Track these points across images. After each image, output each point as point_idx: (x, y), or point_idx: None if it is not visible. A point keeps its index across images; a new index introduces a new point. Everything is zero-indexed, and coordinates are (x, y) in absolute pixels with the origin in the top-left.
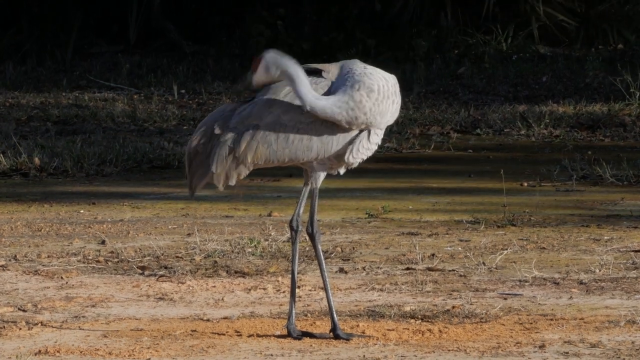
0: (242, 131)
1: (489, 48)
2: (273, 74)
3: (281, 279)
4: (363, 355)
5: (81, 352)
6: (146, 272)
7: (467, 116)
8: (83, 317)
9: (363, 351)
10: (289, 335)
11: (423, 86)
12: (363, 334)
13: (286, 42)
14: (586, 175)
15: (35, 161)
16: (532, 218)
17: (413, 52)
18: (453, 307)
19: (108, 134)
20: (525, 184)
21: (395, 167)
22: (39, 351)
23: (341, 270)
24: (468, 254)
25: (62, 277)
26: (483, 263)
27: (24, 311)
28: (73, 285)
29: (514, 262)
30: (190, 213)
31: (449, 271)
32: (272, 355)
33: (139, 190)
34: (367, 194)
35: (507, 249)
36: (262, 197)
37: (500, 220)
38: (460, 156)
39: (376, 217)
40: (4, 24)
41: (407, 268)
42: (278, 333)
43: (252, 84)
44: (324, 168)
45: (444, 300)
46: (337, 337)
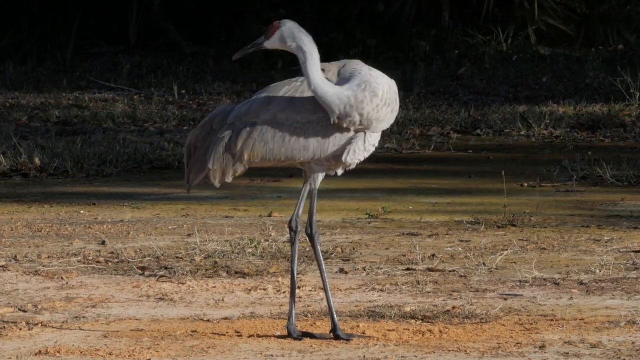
0: (240, 128)
1: (489, 48)
2: (288, 45)
3: (281, 280)
4: (363, 355)
5: (81, 353)
6: (146, 273)
7: (467, 116)
8: (83, 318)
9: (363, 351)
10: (289, 335)
11: (423, 86)
12: (363, 335)
13: None
14: (586, 175)
15: (35, 161)
16: (532, 218)
17: (413, 53)
18: (453, 308)
19: (108, 135)
20: (525, 185)
21: (395, 168)
22: (39, 351)
23: (341, 270)
24: (468, 255)
25: (62, 278)
26: (483, 263)
27: (24, 311)
28: (73, 285)
29: (514, 263)
30: (190, 213)
31: (449, 271)
32: (272, 355)
33: (139, 190)
34: (367, 195)
35: (507, 250)
36: (263, 198)
37: (500, 220)
38: (460, 157)
39: (376, 218)
40: (4, 24)
41: (407, 268)
42: (278, 333)
43: (262, 48)
44: (322, 169)
45: (444, 300)
46: (337, 338)
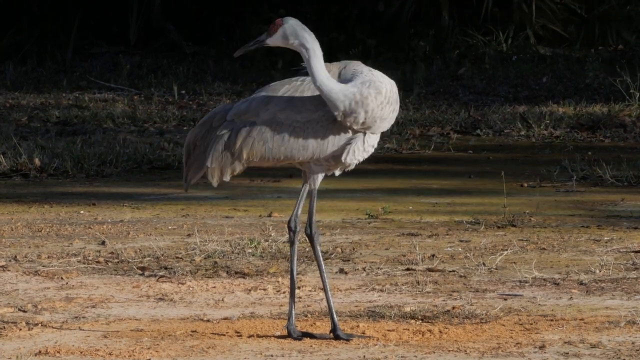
0: (239, 127)
1: (489, 49)
2: (290, 43)
3: (281, 280)
4: (363, 355)
5: (81, 353)
6: (146, 273)
7: (467, 117)
8: (83, 318)
9: (363, 352)
10: (289, 335)
11: (423, 87)
12: (363, 335)
13: None
14: (586, 176)
15: (35, 162)
16: (532, 219)
17: (413, 53)
18: (453, 308)
19: (108, 135)
20: (525, 185)
21: (395, 168)
22: (39, 352)
23: (341, 270)
24: (468, 255)
25: (62, 278)
26: (483, 264)
27: (24, 312)
28: (73, 285)
29: (514, 263)
30: (190, 214)
31: (449, 272)
32: (273, 355)
33: (139, 191)
34: (367, 195)
35: (507, 250)
36: (263, 198)
37: (500, 220)
38: (460, 157)
39: (376, 218)
40: (4, 24)
41: (407, 269)
42: (278, 334)
43: (264, 45)
44: (322, 169)
45: (444, 300)
46: (338, 338)
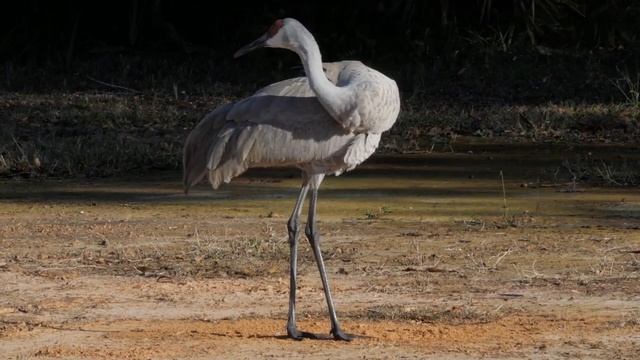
0: (240, 129)
1: (489, 49)
2: (290, 44)
3: (281, 280)
4: (363, 356)
5: (81, 353)
6: (146, 273)
7: (468, 117)
8: (83, 318)
9: (363, 352)
10: (290, 336)
11: (423, 87)
12: (363, 335)
13: None
14: (586, 176)
15: (35, 162)
16: (533, 219)
17: (413, 53)
18: (453, 308)
19: (108, 135)
20: (525, 185)
21: (395, 168)
22: (40, 352)
23: (341, 271)
24: (468, 255)
25: (63, 278)
26: (483, 264)
27: (25, 312)
28: (73, 286)
29: (515, 263)
30: (190, 214)
31: (450, 272)
32: (273, 356)
33: (139, 191)
34: (368, 195)
35: (508, 250)
36: (263, 198)
37: (500, 221)
38: (460, 157)
39: (376, 218)
40: (4, 24)
41: (408, 269)
42: (278, 334)
43: (264, 46)
44: (322, 169)
45: (445, 301)
46: (338, 338)
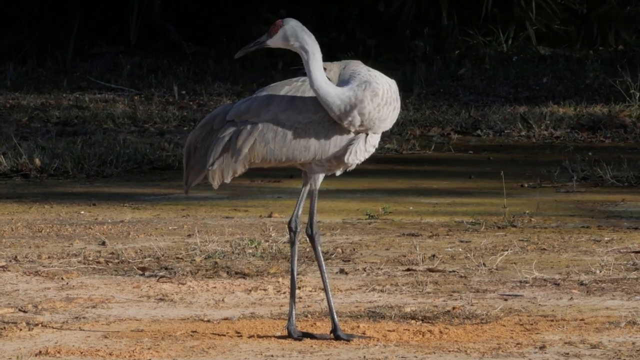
0: (240, 129)
1: (490, 49)
2: (291, 44)
3: (282, 280)
4: (364, 356)
5: (82, 353)
6: (147, 273)
7: (468, 117)
8: (83, 318)
9: (364, 352)
10: (290, 336)
11: (423, 87)
12: (364, 335)
13: None
14: (587, 176)
15: (35, 162)
16: (533, 219)
17: (413, 53)
18: (454, 308)
19: (108, 135)
20: (525, 185)
21: (395, 168)
22: (40, 352)
23: (342, 271)
24: (468, 255)
25: (63, 278)
26: (483, 264)
27: (25, 312)
28: (73, 286)
29: (515, 263)
30: (190, 214)
31: (450, 272)
32: (273, 356)
33: (140, 191)
34: (368, 195)
35: (508, 250)
36: (263, 198)
37: (500, 221)
38: (460, 157)
39: (376, 218)
40: (4, 25)
41: (408, 269)
42: (278, 334)
43: (265, 46)
44: (323, 169)
45: (445, 301)
46: (338, 338)
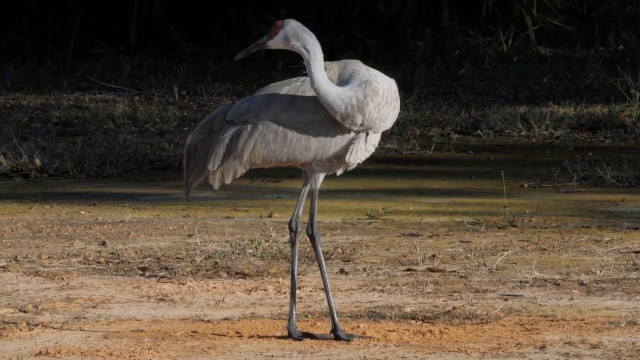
0: (240, 129)
1: (490, 49)
2: (292, 45)
3: (282, 280)
4: (364, 356)
5: (82, 353)
6: (147, 273)
7: (468, 117)
8: (84, 318)
9: (364, 352)
10: (290, 336)
11: (423, 87)
12: (364, 335)
13: None
14: (587, 176)
15: (36, 162)
16: (533, 219)
17: (413, 53)
18: (454, 308)
19: (109, 135)
20: (525, 185)
21: (395, 168)
22: (40, 352)
23: (342, 271)
24: (469, 255)
25: (63, 278)
26: (484, 264)
27: (25, 312)
28: (74, 286)
29: (515, 263)
30: (190, 214)
31: (450, 272)
32: (273, 356)
33: (140, 191)
34: (368, 195)
35: (508, 250)
36: (263, 198)
37: (500, 221)
38: (460, 157)
39: (377, 218)
40: (4, 25)
41: (408, 269)
42: (279, 334)
43: (265, 47)
44: (323, 169)
45: (445, 301)
46: (338, 338)
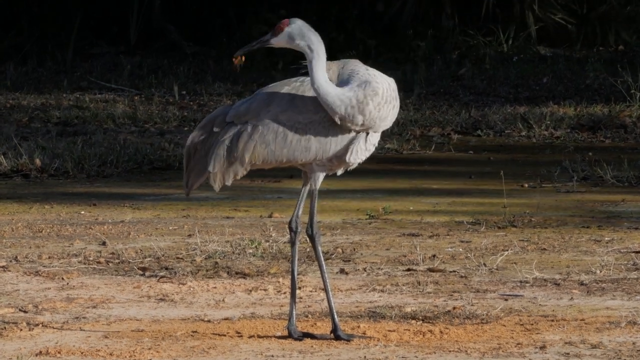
0: (240, 130)
1: (490, 49)
2: (296, 43)
3: (282, 280)
4: (364, 356)
5: (82, 353)
6: (147, 273)
7: (468, 117)
8: (84, 318)
9: (364, 352)
10: (290, 336)
11: (424, 87)
12: (364, 335)
13: None
14: (587, 176)
15: (36, 162)
16: (533, 219)
17: (413, 53)
18: (454, 308)
19: (109, 135)
20: (525, 185)
21: (395, 168)
22: (40, 352)
23: (342, 271)
24: (469, 255)
25: (63, 278)
26: (484, 264)
27: (25, 312)
28: (74, 286)
29: (515, 263)
30: (191, 214)
31: (450, 272)
32: (273, 356)
33: (140, 191)
34: (368, 195)
35: (508, 250)
36: (263, 198)
37: (501, 221)
38: (460, 157)
39: (377, 218)
40: (5, 25)
41: (408, 269)
42: (279, 334)
43: (268, 45)
44: (324, 169)
45: (445, 301)
46: (338, 338)
